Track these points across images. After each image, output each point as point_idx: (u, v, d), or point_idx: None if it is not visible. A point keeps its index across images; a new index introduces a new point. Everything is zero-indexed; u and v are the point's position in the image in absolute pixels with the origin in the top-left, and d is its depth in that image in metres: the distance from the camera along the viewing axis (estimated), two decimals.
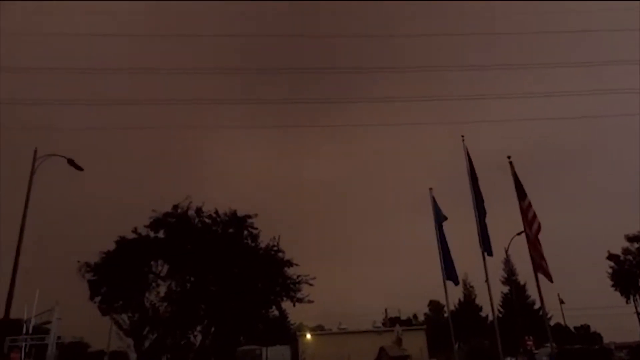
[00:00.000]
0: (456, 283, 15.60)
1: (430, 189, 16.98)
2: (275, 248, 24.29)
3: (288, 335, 48.77)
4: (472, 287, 52.62)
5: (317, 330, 49.70)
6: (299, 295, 24.19)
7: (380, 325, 50.18)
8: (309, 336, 44.35)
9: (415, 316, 63.90)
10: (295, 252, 24.72)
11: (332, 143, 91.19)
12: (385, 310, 55.42)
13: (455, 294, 51.90)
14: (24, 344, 36.88)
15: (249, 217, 24.23)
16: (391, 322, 51.96)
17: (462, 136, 14.88)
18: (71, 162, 23.65)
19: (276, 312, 30.32)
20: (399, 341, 34.72)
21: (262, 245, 24.41)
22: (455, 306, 52.17)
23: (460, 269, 16.11)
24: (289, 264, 24.33)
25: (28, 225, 22.60)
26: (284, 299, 24.05)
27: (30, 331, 39.90)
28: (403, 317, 58.39)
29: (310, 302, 24.08)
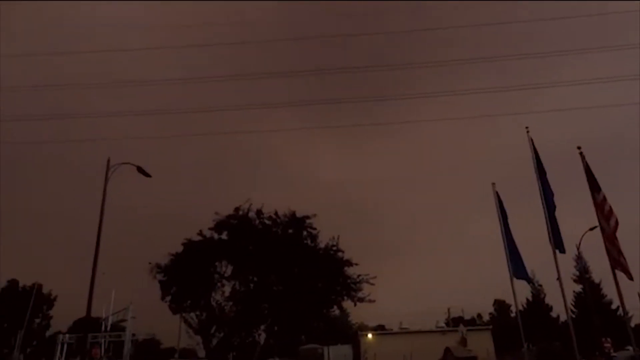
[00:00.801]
0: (528, 281, 14.96)
1: (493, 183, 16.41)
2: (334, 248, 24.41)
3: (349, 334, 48.86)
4: (540, 285, 50.06)
5: (378, 329, 49.34)
6: (359, 294, 24.14)
7: (444, 325, 48.99)
8: (370, 336, 44.09)
9: (479, 316, 61.85)
10: (354, 251, 24.74)
11: (389, 140, 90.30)
12: (448, 309, 54.06)
13: (523, 292, 49.56)
14: (103, 340, 39.65)
15: (308, 217, 24.52)
16: (454, 321, 50.60)
17: (527, 128, 14.25)
18: (140, 169, 25.12)
19: (337, 312, 30.42)
20: (463, 341, 33.72)
21: (322, 245, 24.60)
22: (523, 305, 49.88)
23: (527, 267, 15.42)
24: (349, 263, 24.35)
25: (104, 230, 24.18)
26: (345, 298, 24.08)
27: (108, 328, 42.82)
28: (466, 317, 56.67)
29: (371, 301, 23.98)
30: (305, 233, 24.50)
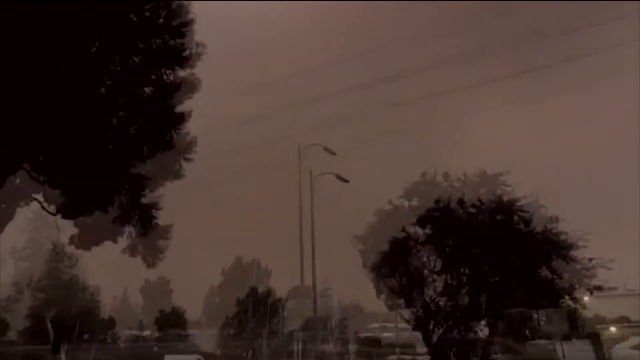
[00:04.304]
0: None
1: None
2: (553, 230, 21.81)
3: (583, 328, 43.04)
4: None
5: (623, 322, 42.09)
6: (594, 282, 21.08)
7: None
8: (613, 329, 37.94)
9: None
10: (582, 230, 21.52)
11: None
12: None
13: None
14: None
15: (517, 200, 22.58)
16: None
17: None
18: (339, 177, 27.22)
19: (567, 304, 27.25)
20: None
21: (538, 229, 22.24)
22: None
23: None
24: (575, 246, 21.47)
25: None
26: (577, 287, 21.25)
27: (317, 297, 47.14)
28: None
29: (612, 288, 20.60)
30: (516, 218, 22.53)
